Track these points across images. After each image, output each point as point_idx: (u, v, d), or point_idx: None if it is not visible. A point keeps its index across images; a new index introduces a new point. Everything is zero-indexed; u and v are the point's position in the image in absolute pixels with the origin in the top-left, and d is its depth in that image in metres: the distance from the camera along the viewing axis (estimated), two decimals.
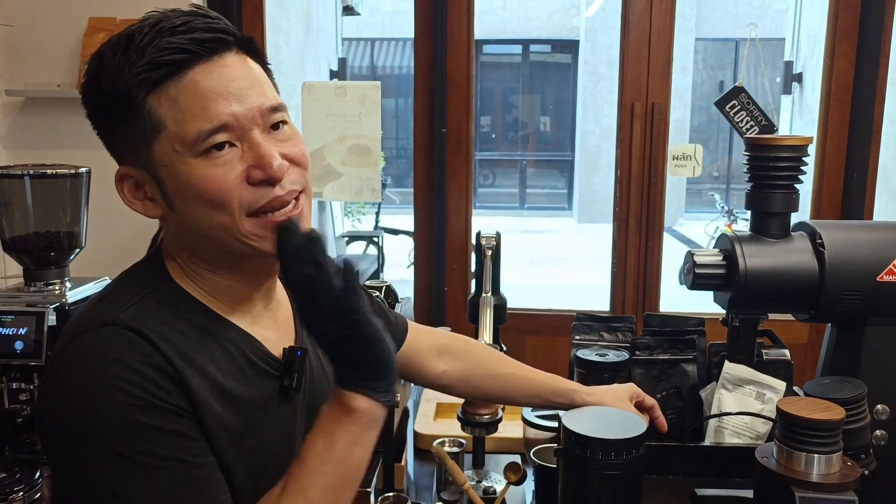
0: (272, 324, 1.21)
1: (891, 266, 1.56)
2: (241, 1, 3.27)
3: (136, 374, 0.98)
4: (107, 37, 3.33)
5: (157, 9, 1.07)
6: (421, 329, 1.61)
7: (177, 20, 1.03)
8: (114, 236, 3.09)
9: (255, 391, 1.12)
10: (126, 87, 1.01)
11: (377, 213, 9.34)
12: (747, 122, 3.17)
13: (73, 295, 2.08)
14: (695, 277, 1.66)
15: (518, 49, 15.82)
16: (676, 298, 2.88)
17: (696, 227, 12.33)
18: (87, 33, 3.15)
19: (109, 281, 2.16)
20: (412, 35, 3.32)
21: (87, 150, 3.13)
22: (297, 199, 1.10)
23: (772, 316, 1.71)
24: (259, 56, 1.12)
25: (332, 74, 8.05)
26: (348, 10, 9.69)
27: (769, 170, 1.62)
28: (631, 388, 1.60)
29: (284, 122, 1.10)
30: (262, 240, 1.07)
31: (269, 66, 1.15)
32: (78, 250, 2.19)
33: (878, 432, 1.57)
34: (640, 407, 1.58)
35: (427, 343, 1.58)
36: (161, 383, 0.99)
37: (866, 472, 1.44)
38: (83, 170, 2.17)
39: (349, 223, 10.40)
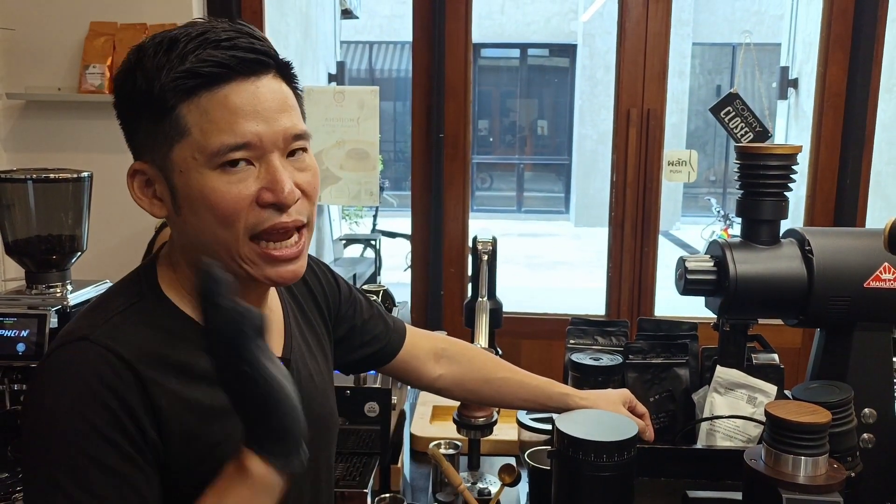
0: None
1: (877, 273, 1.59)
2: (241, 4, 3.30)
3: (97, 404, 0.98)
4: (108, 41, 3.34)
5: (202, 18, 1.11)
6: (418, 333, 1.63)
7: (223, 34, 1.05)
8: (114, 239, 3.12)
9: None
10: (161, 88, 1.03)
11: (374, 216, 9.35)
12: (742, 129, 3.19)
13: (74, 297, 2.10)
14: (686, 283, 1.69)
15: (516, 53, 15.84)
16: (672, 302, 2.91)
17: (692, 232, 12.35)
18: (89, 37, 3.17)
19: (110, 284, 2.20)
20: (410, 39, 3.34)
21: (87, 154, 3.19)
22: (299, 231, 1.11)
23: (765, 321, 1.73)
24: (293, 82, 1.14)
25: (331, 78, 8.07)
26: (347, 14, 9.72)
27: (759, 178, 1.65)
28: (624, 393, 1.63)
29: (304, 150, 1.12)
30: (257, 267, 1.09)
31: (300, 92, 1.16)
32: (79, 253, 2.21)
33: (864, 435, 1.60)
34: (633, 413, 1.60)
35: (424, 347, 1.60)
36: (119, 416, 0.99)
37: (852, 475, 1.48)
38: (85, 174, 2.20)
39: (346, 226, 10.42)
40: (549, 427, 1.74)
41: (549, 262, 11.32)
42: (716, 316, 1.73)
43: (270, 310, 1.25)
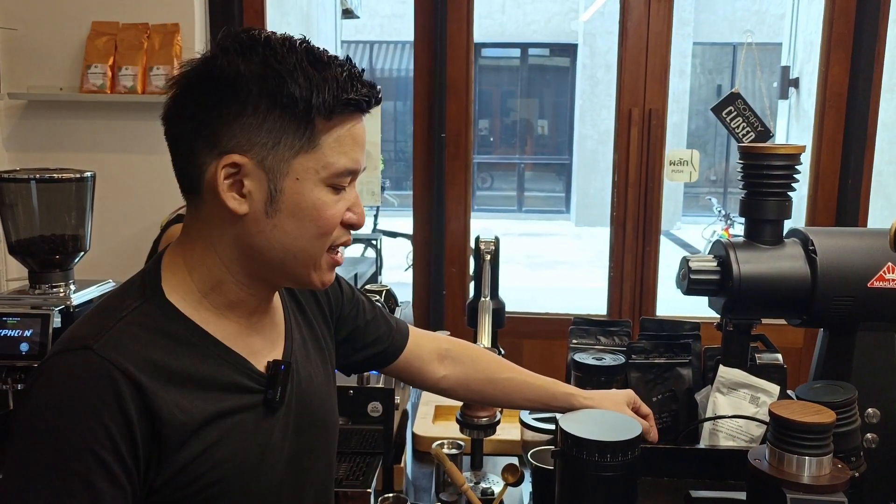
0: (267, 329, 1.24)
1: (881, 273, 1.59)
2: (243, 4, 3.30)
3: (94, 421, 0.98)
4: (109, 41, 3.34)
5: (301, 36, 1.13)
6: (421, 334, 1.62)
7: (356, 69, 1.12)
8: (117, 239, 3.13)
9: (231, 406, 1.13)
10: (309, 100, 1.06)
11: (375, 216, 9.35)
12: (744, 128, 3.20)
13: (77, 297, 2.11)
14: (690, 283, 1.69)
15: (516, 53, 15.84)
16: (673, 301, 2.91)
17: (693, 231, 12.35)
18: (90, 37, 3.18)
19: (113, 284, 2.21)
20: (411, 38, 3.34)
21: (88, 153, 3.20)
22: None
23: (768, 321, 1.73)
24: None
25: None
26: (347, 14, 9.71)
27: (762, 178, 1.65)
28: (629, 393, 1.62)
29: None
30: (322, 273, 1.18)
31: None
32: (83, 253, 2.22)
33: (868, 435, 1.60)
34: (637, 414, 1.60)
35: (428, 348, 1.60)
36: (114, 435, 0.99)
37: (856, 475, 1.47)
38: (88, 174, 2.20)
39: None
40: (552, 427, 1.74)
41: (549, 261, 11.32)
42: (719, 316, 1.73)
43: (273, 307, 1.27)
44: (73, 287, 2.17)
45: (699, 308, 1.88)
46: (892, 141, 3.80)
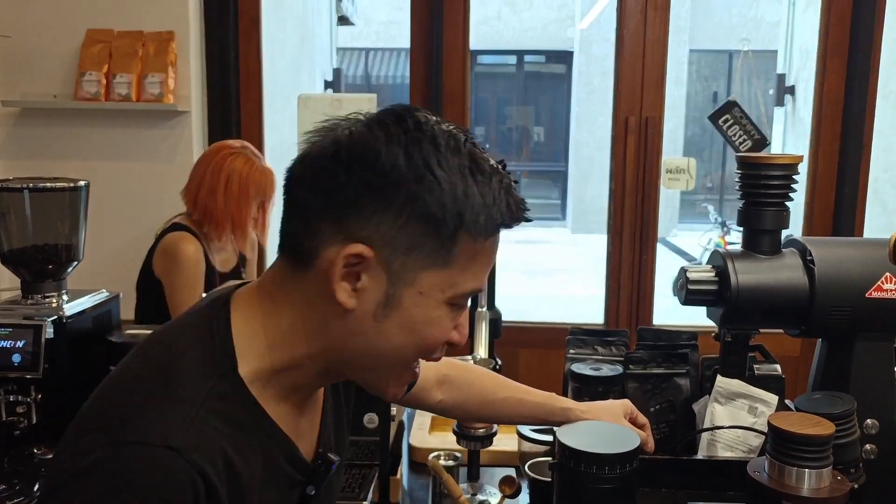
0: (311, 410, 1.16)
1: (879, 283, 1.59)
2: (238, 11, 3.30)
3: None
4: (104, 49, 3.35)
5: (471, 144, 1.02)
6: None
7: (508, 178, 1.03)
8: (111, 248, 3.11)
9: (279, 501, 1.07)
10: (460, 214, 0.97)
11: None
12: (740, 136, 3.20)
13: (70, 308, 2.09)
14: (688, 293, 1.68)
15: (513, 60, 15.86)
16: (670, 309, 2.90)
17: (690, 238, 12.35)
18: (85, 45, 3.17)
19: (107, 294, 2.19)
20: (407, 45, 3.34)
21: (81, 161, 3.19)
22: None
23: (763, 329, 1.72)
24: None
25: (327, 84, 8.08)
26: (343, 21, 9.73)
27: (760, 188, 1.64)
28: (625, 404, 1.61)
29: None
30: (400, 387, 1.11)
31: None
32: (76, 263, 2.20)
33: (867, 447, 1.59)
34: (633, 424, 1.59)
35: (426, 375, 1.55)
36: None
37: (856, 486, 1.46)
38: (82, 183, 2.18)
39: None
40: (549, 438, 1.73)
41: (546, 269, 11.32)
42: (717, 326, 1.72)
43: (317, 395, 1.19)
44: (66, 297, 2.15)
45: (696, 316, 1.87)
46: (887, 148, 3.80)
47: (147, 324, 2.34)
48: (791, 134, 5.77)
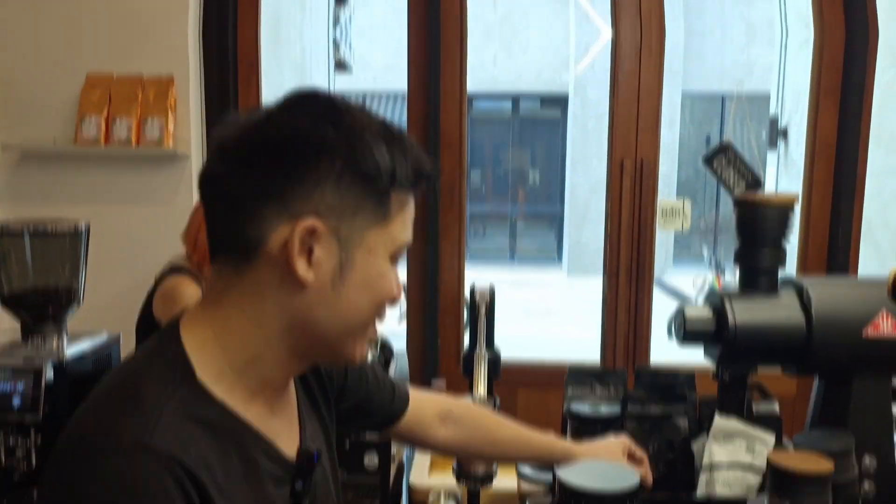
0: (286, 410, 1.17)
1: (876, 321, 1.60)
2: (237, 57, 3.33)
3: None
4: (104, 93, 3.36)
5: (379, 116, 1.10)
6: (422, 397, 1.58)
7: (416, 142, 1.10)
8: (111, 291, 3.11)
9: (266, 499, 1.07)
10: (390, 170, 1.04)
11: None
12: (735, 179, 3.22)
13: (70, 350, 2.09)
14: (685, 333, 1.70)
15: (508, 104, 15.97)
16: (665, 348, 2.90)
17: (684, 279, 12.36)
18: (85, 89, 3.19)
19: (108, 336, 2.20)
20: (403, 89, 3.37)
21: (82, 205, 3.20)
22: None
23: (762, 369, 1.73)
24: None
25: None
26: (340, 66, 9.82)
27: (757, 228, 1.67)
28: (623, 441, 1.63)
29: None
30: (363, 347, 1.13)
31: None
32: (76, 305, 2.20)
33: (865, 484, 1.59)
34: (631, 458, 1.60)
35: (429, 412, 1.56)
36: None
37: None
38: (83, 225, 2.19)
39: None
40: (549, 477, 1.73)
41: (542, 311, 11.31)
42: (714, 365, 1.73)
43: (288, 390, 1.20)
44: (66, 340, 2.15)
45: (691, 355, 1.88)
46: (880, 189, 3.84)
47: None
48: (784, 176, 5.81)
